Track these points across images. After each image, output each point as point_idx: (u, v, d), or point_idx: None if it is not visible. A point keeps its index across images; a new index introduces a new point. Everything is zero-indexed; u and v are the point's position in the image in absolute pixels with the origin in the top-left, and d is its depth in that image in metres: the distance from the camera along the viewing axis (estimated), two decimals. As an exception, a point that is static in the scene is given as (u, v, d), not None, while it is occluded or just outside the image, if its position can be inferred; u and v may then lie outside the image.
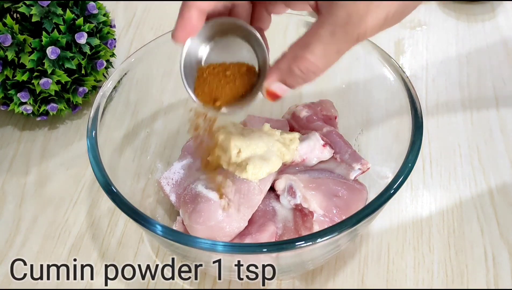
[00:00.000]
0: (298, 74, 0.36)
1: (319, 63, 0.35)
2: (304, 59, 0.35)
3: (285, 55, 0.37)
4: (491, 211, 0.55)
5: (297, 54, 0.35)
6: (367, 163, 0.51)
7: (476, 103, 0.65)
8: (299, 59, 0.35)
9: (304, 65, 0.35)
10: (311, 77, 0.36)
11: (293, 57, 0.36)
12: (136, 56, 0.53)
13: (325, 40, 0.34)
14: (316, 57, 0.35)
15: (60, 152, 0.63)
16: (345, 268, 0.52)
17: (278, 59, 0.37)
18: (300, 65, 0.35)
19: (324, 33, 0.34)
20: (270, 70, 0.38)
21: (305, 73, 0.36)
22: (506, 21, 0.75)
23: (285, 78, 0.37)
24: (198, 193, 0.48)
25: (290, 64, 0.36)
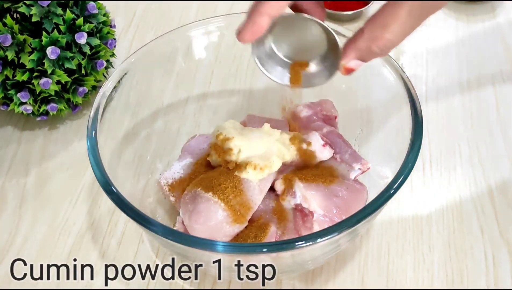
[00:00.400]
0: (377, 52, 0.39)
1: (396, 40, 0.38)
2: (384, 39, 0.38)
3: (363, 35, 0.39)
4: (491, 211, 0.55)
5: (376, 34, 0.38)
6: (367, 163, 0.51)
7: (476, 103, 0.65)
8: (378, 39, 0.38)
9: (383, 43, 0.38)
10: (387, 52, 0.39)
11: (372, 37, 0.38)
12: (136, 56, 0.53)
13: (403, 19, 0.37)
14: (395, 36, 0.38)
15: (60, 152, 0.63)
16: (345, 268, 0.52)
17: (355, 37, 0.39)
18: (379, 44, 0.38)
19: (402, 13, 0.37)
20: (348, 49, 0.40)
21: (383, 50, 0.39)
22: (506, 21, 0.75)
23: (364, 56, 0.40)
24: (198, 193, 0.48)
25: (369, 44, 0.38)
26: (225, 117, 0.58)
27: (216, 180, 0.48)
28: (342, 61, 0.41)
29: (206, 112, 0.60)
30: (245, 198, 0.48)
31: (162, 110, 0.58)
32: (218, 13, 0.78)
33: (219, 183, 0.48)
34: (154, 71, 0.56)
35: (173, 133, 0.58)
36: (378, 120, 0.54)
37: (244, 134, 0.50)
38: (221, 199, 0.47)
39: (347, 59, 0.40)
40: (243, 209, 0.47)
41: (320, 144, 0.51)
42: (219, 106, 0.61)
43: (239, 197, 0.47)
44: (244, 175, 0.48)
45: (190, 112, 0.60)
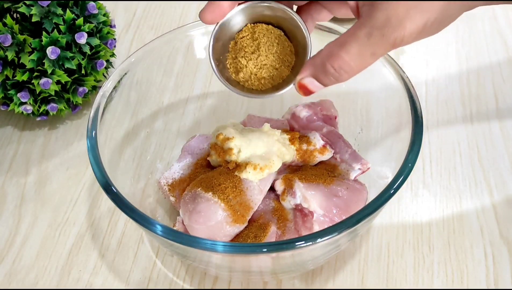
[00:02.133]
0: (331, 71, 0.36)
1: (353, 63, 0.36)
2: (339, 57, 0.36)
3: (321, 52, 0.37)
4: (491, 211, 0.55)
5: (332, 51, 0.36)
6: (367, 163, 0.51)
7: (476, 103, 0.65)
8: (333, 57, 0.36)
9: (338, 63, 0.36)
10: (343, 77, 0.37)
11: (328, 54, 0.36)
12: (136, 56, 0.53)
13: (361, 41, 0.35)
14: (351, 57, 0.35)
15: (60, 152, 0.63)
16: (345, 268, 0.52)
17: (314, 55, 0.38)
18: (334, 63, 0.36)
19: (361, 34, 0.35)
20: (305, 65, 0.38)
21: (338, 72, 0.36)
22: (506, 20, 0.75)
23: (318, 74, 0.37)
24: (198, 193, 0.48)
25: (324, 61, 0.36)
26: (225, 117, 0.58)
27: (216, 180, 0.48)
28: (298, 76, 0.38)
29: (206, 112, 0.60)
30: (245, 198, 0.48)
31: (162, 110, 0.58)
32: (218, 13, 0.78)
33: (219, 183, 0.48)
34: (154, 71, 0.56)
35: (173, 133, 0.58)
36: (378, 120, 0.54)
37: (244, 134, 0.50)
38: (221, 199, 0.47)
39: (302, 74, 0.38)
40: (243, 209, 0.47)
41: (320, 144, 0.51)
42: (219, 106, 0.61)
43: (239, 197, 0.47)
44: (244, 175, 0.48)
45: (190, 112, 0.60)
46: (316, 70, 0.37)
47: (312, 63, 0.37)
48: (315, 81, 0.38)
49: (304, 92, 0.39)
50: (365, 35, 0.35)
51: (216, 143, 0.51)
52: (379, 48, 0.35)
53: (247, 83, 0.43)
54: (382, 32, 0.34)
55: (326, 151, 0.52)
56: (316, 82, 0.38)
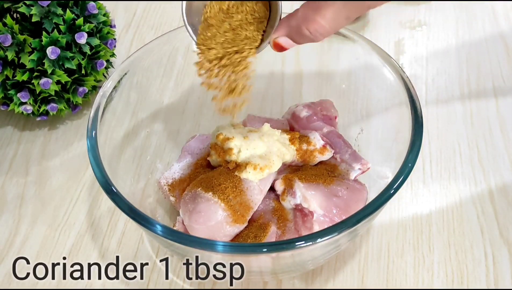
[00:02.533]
0: (307, 34, 0.38)
1: (328, 26, 0.37)
2: (314, 22, 0.37)
3: (296, 14, 0.38)
4: (491, 211, 0.55)
5: (307, 15, 0.37)
6: (367, 163, 0.51)
7: (476, 103, 0.65)
8: (309, 21, 0.37)
9: (313, 27, 0.37)
10: (318, 38, 0.38)
11: (303, 17, 0.37)
12: (136, 56, 0.53)
13: (337, 6, 0.36)
14: (326, 21, 0.36)
15: (60, 152, 0.63)
16: (345, 268, 0.52)
17: (289, 14, 0.39)
18: (309, 26, 0.37)
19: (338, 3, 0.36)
20: (279, 24, 0.39)
21: (313, 34, 0.37)
22: (506, 20, 0.75)
23: (293, 35, 0.39)
24: (198, 193, 0.48)
25: (300, 24, 0.37)
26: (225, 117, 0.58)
27: (216, 180, 0.48)
28: (273, 34, 0.40)
29: (206, 112, 0.60)
30: (245, 198, 0.48)
31: (162, 110, 0.58)
32: (218, 13, 0.78)
33: (219, 183, 0.48)
34: (154, 71, 0.56)
35: (173, 133, 0.58)
36: (378, 120, 0.55)
37: (244, 134, 0.50)
38: (221, 199, 0.47)
39: (277, 33, 0.39)
40: (243, 209, 0.47)
41: (320, 144, 0.51)
42: (219, 106, 0.61)
43: (239, 197, 0.47)
44: (244, 175, 0.48)
45: (190, 112, 0.60)
46: (291, 31, 0.38)
47: (288, 25, 0.38)
48: (289, 40, 0.39)
49: (278, 49, 0.40)
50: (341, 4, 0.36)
51: (216, 143, 0.51)
52: (354, 12, 0.36)
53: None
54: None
55: (326, 151, 0.52)
56: (291, 41, 0.39)
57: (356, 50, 0.52)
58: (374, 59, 0.51)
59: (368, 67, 0.53)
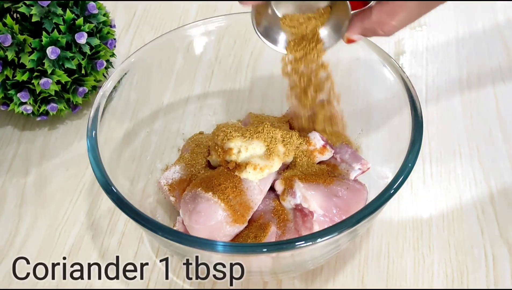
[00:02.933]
0: (381, 34, 0.41)
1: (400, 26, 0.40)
2: (389, 25, 0.40)
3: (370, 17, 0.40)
4: (491, 211, 0.55)
5: (382, 20, 0.40)
6: (367, 163, 0.51)
7: (476, 103, 0.65)
8: (384, 24, 0.40)
9: (388, 28, 0.40)
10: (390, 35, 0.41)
11: (378, 22, 0.40)
12: (136, 56, 0.53)
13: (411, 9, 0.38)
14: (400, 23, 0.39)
15: (60, 152, 0.63)
16: (345, 268, 0.52)
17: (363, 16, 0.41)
18: (384, 28, 0.40)
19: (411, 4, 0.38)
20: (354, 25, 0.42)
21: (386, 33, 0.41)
22: (505, 21, 0.75)
23: (367, 33, 0.42)
24: (198, 193, 0.48)
25: (375, 27, 0.40)
26: (225, 117, 0.58)
27: (216, 180, 0.48)
28: (347, 33, 0.43)
29: (206, 112, 0.60)
30: (245, 198, 0.48)
31: (162, 110, 0.58)
32: (218, 13, 0.78)
33: (219, 183, 0.48)
34: (154, 71, 0.56)
35: (173, 133, 0.58)
36: (378, 120, 0.54)
37: (244, 134, 0.50)
38: (221, 199, 0.47)
39: (352, 33, 0.42)
40: (243, 209, 0.47)
41: (320, 144, 0.51)
42: (219, 106, 0.61)
43: (239, 197, 0.47)
44: (244, 175, 0.48)
45: (190, 112, 0.60)
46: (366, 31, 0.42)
47: (362, 26, 0.41)
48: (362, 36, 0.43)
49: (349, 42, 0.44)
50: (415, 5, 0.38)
51: (216, 143, 0.51)
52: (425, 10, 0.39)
53: None
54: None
55: (326, 151, 0.52)
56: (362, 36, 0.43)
57: (356, 50, 0.52)
58: (374, 59, 0.51)
59: (368, 67, 0.53)
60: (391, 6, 0.39)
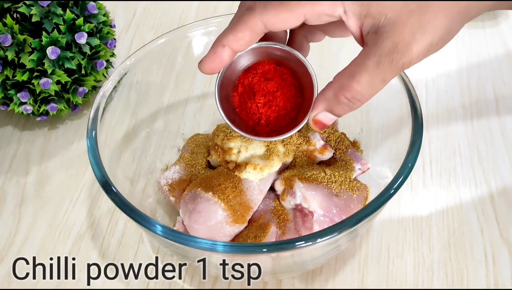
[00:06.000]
0: (345, 102, 0.37)
1: (364, 92, 0.36)
2: (351, 88, 0.36)
3: (331, 85, 0.37)
4: (491, 211, 0.55)
5: (343, 84, 0.36)
6: (367, 163, 0.51)
7: (476, 104, 0.65)
8: (345, 89, 0.36)
9: (350, 94, 0.36)
10: (357, 105, 0.37)
11: (339, 86, 0.37)
12: (136, 56, 0.53)
13: (370, 70, 0.35)
14: (362, 87, 0.36)
15: (60, 152, 0.63)
16: (345, 268, 0.52)
17: (323, 89, 0.38)
18: (346, 94, 0.36)
19: (370, 64, 0.35)
20: (316, 101, 0.38)
21: (351, 102, 0.37)
22: (506, 22, 0.75)
23: (332, 107, 0.38)
24: (198, 193, 0.48)
25: (336, 93, 0.37)
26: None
27: (216, 180, 0.48)
28: (311, 113, 0.39)
29: (206, 112, 0.60)
30: (245, 198, 0.48)
31: (162, 110, 0.58)
32: (218, 13, 0.78)
33: (219, 183, 0.48)
34: (154, 71, 0.56)
35: (173, 133, 0.58)
36: (378, 120, 0.54)
37: (244, 134, 0.50)
38: (221, 199, 0.47)
39: (316, 110, 0.38)
40: (243, 209, 0.47)
41: (320, 144, 0.51)
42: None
43: (239, 197, 0.47)
44: (244, 175, 0.48)
45: (190, 112, 0.60)
46: (329, 103, 0.38)
47: (324, 98, 0.38)
48: (329, 114, 0.38)
49: (320, 127, 0.39)
50: (374, 64, 0.35)
51: (216, 143, 0.51)
52: (389, 74, 0.36)
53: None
54: (391, 58, 0.35)
55: (326, 151, 0.51)
56: (330, 115, 0.38)
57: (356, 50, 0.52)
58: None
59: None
60: (349, 68, 0.36)
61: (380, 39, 0.35)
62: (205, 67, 0.39)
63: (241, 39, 0.37)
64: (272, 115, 0.42)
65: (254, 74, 0.42)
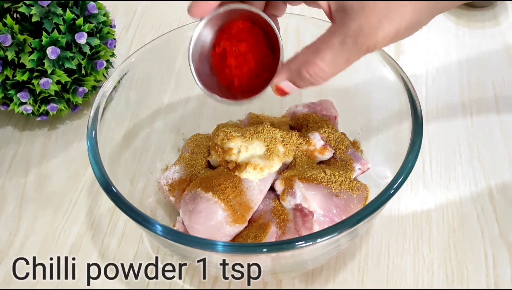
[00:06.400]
0: (307, 77, 0.37)
1: (327, 69, 0.36)
2: (314, 64, 0.36)
3: (297, 57, 0.38)
4: (491, 211, 0.55)
5: (307, 58, 0.37)
6: (367, 163, 0.51)
7: (476, 103, 0.65)
8: (309, 64, 0.36)
9: (313, 69, 0.37)
10: (319, 81, 0.37)
11: (303, 60, 0.37)
12: (136, 56, 0.53)
13: (335, 48, 0.36)
14: (325, 64, 0.36)
15: (60, 152, 0.63)
16: (345, 268, 0.52)
17: (290, 59, 0.38)
18: (309, 69, 0.37)
19: (335, 42, 0.35)
20: (281, 68, 0.39)
21: (313, 77, 0.37)
22: (506, 21, 0.75)
23: (294, 79, 0.38)
24: (198, 193, 0.48)
25: (300, 67, 0.37)
26: (225, 117, 0.58)
27: (216, 180, 0.48)
28: (274, 79, 0.39)
29: (206, 112, 0.60)
30: (245, 198, 0.48)
31: (162, 110, 0.58)
32: (218, 13, 0.78)
33: (219, 183, 0.48)
34: (154, 71, 0.56)
35: (173, 133, 0.58)
36: (378, 120, 0.54)
37: (244, 134, 0.50)
38: (221, 199, 0.47)
39: (278, 78, 0.39)
40: (243, 209, 0.47)
41: (320, 144, 0.51)
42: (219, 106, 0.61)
43: (239, 197, 0.47)
44: (244, 175, 0.48)
45: (190, 112, 0.60)
46: (292, 75, 0.38)
47: (288, 68, 0.38)
48: (290, 84, 0.39)
49: (280, 94, 0.40)
50: (339, 43, 0.35)
51: (216, 143, 0.51)
52: (353, 55, 0.36)
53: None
54: (356, 40, 0.35)
55: (326, 151, 0.51)
56: (292, 85, 0.39)
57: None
58: (374, 59, 0.51)
59: (368, 67, 0.53)
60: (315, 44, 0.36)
61: (347, 19, 0.35)
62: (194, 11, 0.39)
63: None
64: (244, 76, 0.42)
65: (228, 34, 0.42)
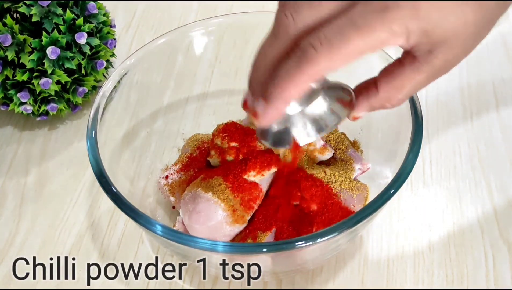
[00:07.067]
0: (389, 107, 0.39)
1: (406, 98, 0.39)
2: (397, 99, 0.38)
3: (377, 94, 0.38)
4: (491, 211, 0.55)
5: (391, 95, 0.38)
6: (367, 163, 0.51)
7: (476, 103, 0.65)
8: (392, 99, 0.38)
9: (396, 102, 0.39)
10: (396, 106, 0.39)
11: (387, 98, 0.38)
12: (136, 56, 0.53)
13: (420, 84, 0.37)
14: (407, 96, 0.38)
15: (60, 152, 0.63)
16: (345, 268, 0.52)
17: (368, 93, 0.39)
18: (393, 102, 0.39)
19: (421, 79, 0.37)
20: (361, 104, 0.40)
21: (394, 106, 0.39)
22: (506, 21, 0.75)
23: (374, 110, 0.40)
24: (198, 193, 0.48)
25: (383, 103, 0.39)
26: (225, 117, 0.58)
27: (216, 180, 0.48)
28: (354, 113, 0.40)
29: (206, 112, 0.60)
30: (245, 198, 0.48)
31: (162, 110, 0.58)
32: (218, 13, 0.78)
33: (219, 183, 0.48)
34: (154, 71, 0.56)
35: (173, 133, 0.58)
36: (378, 120, 0.54)
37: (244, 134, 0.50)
38: (221, 199, 0.47)
39: (359, 112, 0.40)
40: (243, 209, 0.47)
41: (320, 144, 0.51)
42: (219, 106, 0.61)
43: (239, 197, 0.47)
44: (244, 175, 0.48)
45: (190, 112, 0.60)
46: (374, 108, 0.40)
47: (369, 104, 0.39)
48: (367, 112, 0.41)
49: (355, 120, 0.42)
50: (425, 79, 0.37)
51: (216, 143, 0.51)
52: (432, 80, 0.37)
53: None
54: (440, 72, 0.37)
55: (326, 151, 0.51)
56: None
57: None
58: (374, 59, 0.51)
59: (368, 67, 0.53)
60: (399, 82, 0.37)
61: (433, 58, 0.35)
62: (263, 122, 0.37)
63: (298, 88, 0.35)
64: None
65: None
